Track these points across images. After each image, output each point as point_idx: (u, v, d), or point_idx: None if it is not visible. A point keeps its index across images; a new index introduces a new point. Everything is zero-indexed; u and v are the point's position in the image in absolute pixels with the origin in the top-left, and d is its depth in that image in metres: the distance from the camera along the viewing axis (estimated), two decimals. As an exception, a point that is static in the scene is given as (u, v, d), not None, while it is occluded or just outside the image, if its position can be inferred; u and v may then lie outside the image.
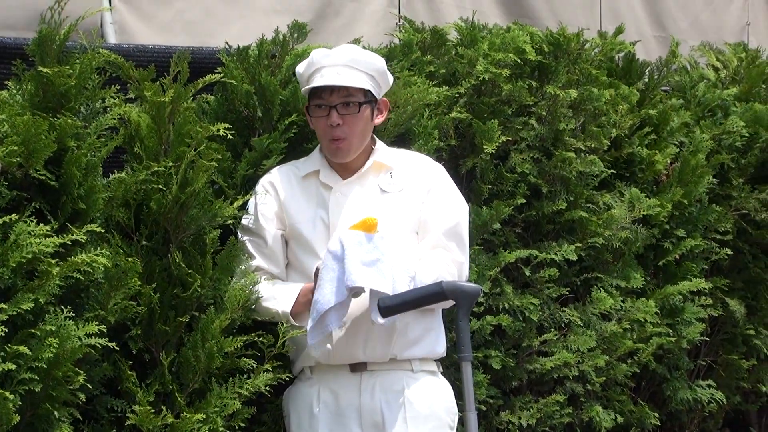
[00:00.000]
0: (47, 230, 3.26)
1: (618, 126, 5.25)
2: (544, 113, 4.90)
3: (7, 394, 3.06)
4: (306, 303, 3.71)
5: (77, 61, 3.60)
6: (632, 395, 5.28)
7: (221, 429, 3.57)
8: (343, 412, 3.79)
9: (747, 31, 9.07)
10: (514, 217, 4.81)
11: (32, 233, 3.22)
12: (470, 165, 4.67)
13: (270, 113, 4.12)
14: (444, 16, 6.54)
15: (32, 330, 3.19)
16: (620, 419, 5.09)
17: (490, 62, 4.70)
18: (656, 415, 5.29)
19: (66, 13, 3.57)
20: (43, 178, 3.37)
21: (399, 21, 5.91)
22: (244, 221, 3.88)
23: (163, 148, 3.70)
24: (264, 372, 3.71)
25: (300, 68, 3.88)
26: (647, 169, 5.36)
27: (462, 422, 3.71)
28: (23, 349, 3.12)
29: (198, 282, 3.63)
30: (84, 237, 3.32)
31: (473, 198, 4.66)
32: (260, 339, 3.71)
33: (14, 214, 3.26)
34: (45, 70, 3.48)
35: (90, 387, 3.35)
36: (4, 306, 3.12)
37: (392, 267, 3.60)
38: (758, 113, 5.87)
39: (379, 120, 3.92)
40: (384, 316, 3.59)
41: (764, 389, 6.06)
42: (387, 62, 3.95)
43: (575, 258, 4.87)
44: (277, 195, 3.88)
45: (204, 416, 3.53)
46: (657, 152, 5.39)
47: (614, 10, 8.03)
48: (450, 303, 3.71)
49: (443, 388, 3.91)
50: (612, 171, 5.19)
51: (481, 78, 4.68)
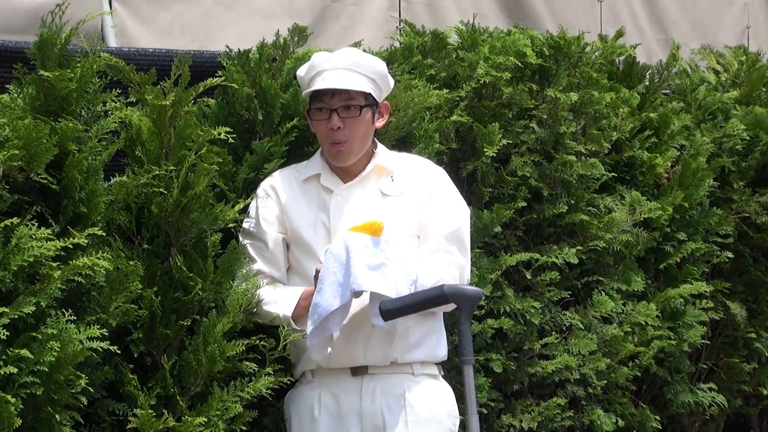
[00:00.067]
0: (48, 234, 3.26)
1: (619, 129, 5.25)
2: (545, 116, 4.90)
3: (9, 398, 3.06)
4: (307, 307, 3.70)
5: (78, 65, 3.60)
6: (633, 398, 5.27)
7: (223, 432, 3.58)
8: (344, 416, 3.78)
9: (747, 34, 9.07)
10: (515, 221, 4.80)
11: (34, 237, 3.22)
12: (471, 168, 4.67)
13: (271, 117, 4.12)
14: (444, 20, 6.53)
15: (34, 333, 3.19)
16: (621, 422, 5.08)
17: (491, 65, 4.70)
18: (657, 419, 5.28)
19: (66, 17, 3.57)
20: (45, 182, 3.37)
21: (399, 24, 5.90)
22: (245, 225, 3.87)
23: (164, 152, 3.70)
24: (265, 375, 3.71)
25: (301, 71, 3.88)
26: (648, 173, 5.35)
27: (464, 426, 3.71)
28: (25, 353, 3.11)
29: (199, 285, 3.62)
30: (85, 240, 3.32)
31: (474, 201, 4.65)
32: (262, 342, 3.71)
33: (15, 218, 3.26)
34: (46, 74, 3.47)
35: (91, 390, 3.35)
36: (6, 309, 3.12)
37: (395, 271, 3.60)
38: (759, 116, 5.87)
39: (380, 123, 3.92)
40: (385, 320, 3.59)
41: (765, 392, 6.05)
42: (388, 65, 3.94)
43: (576, 261, 4.87)
44: (278, 198, 3.88)
45: (205, 419, 3.53)
46: (658, 155, 5.38)
47: (615, 13, 8.03)
48: (452, 306, 3.71)
49: (444, 392, 3.90)
50: (613, 174, 5.19)
51: (482, 81, 4.68)
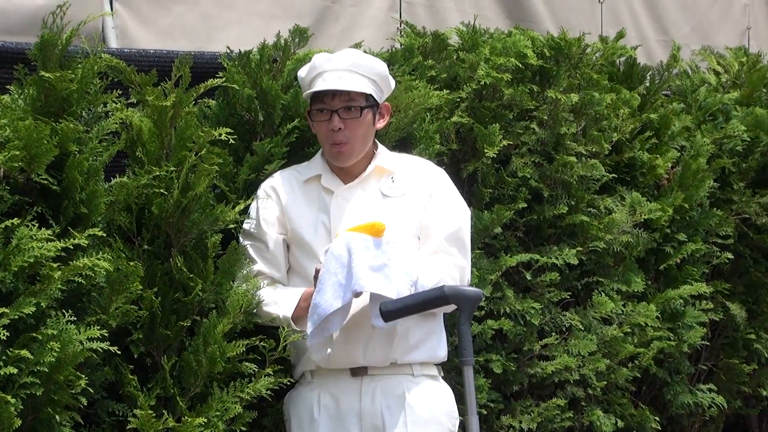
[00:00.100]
0: (49, 234, 3.26)
1: (619, 130, 5.25)
2: (546, 117, 4.90)
3: (9, 398, 3.06)
4: (307, 308, 3.69)
5: (79, 66, 3.60)
6: (633, 399, 5.27)
7: (222, 433, 3.58)
8: (344, 417, 3.78)
9: (748, 35, 9.08)
10: (515, 221, 4.81)
11: (34, 237, 3.22)
12: (471, 169, 4.67)
13: (271, 118, 4.12)
14: (445, 21, 6.53)
15: (34, 334, 3.19)
16: (621, 423, 5.08)
17: (492, 67, 4.70)
18: (657, 419, 5.28)
19: (67, 18, 3.57)
20: (45, 183, 3.37)
21: (400, 25, 5.90)
22: (246, 226, 3.87)
23: (165, 153, 3.70)
24: (265, 376, 3.71)
25: (302, 72, 3.88)
26: (648, 174, 5.36)
27: (463, 426, 3.71)
28: (25, 353, 3.12)
29: (199, 286, 3.62)
30: (86, 241, 3.32)
31: (474, 202, 4.65)
32: (261, 343, 3.71)
33: (16, 219, 3.26)
34: (47, 75, 3.48)
35: (91, 391, 3.35)
36: (6, 310, 3.12)
37: (396, 272, 3.60)
38: (759, 117, 5.87)
39: (381, 124, 3.92)
40: (386, 321, 3.59)
41: (765, 393, 6.05)
42: (388, 66, 3.94)
43: (576, 262, 4.87)
44: (279, 199, 3.88)
45: (205, 420, 3.53)
46: (658, 156, 5.39)
47: (616, 15, 8.03)
48: (452, 307, 3.71)
49: (444, 393, 3.90)
50: (613, 175, 5.19)
51: (483, 82, 4.68)
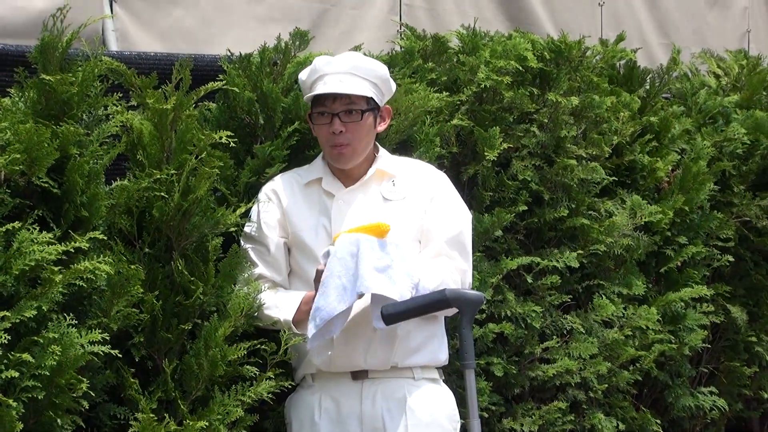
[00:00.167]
0: (50, 238, 3.26)
1: (619, 133, 5.25)
2: (546, 120, 4.90)
3: (11, 402, 3.06)
4: (308, 311, 3.69)
5: (80, 69, 3.60)
6: (634, 402, 5.27)
7: (223, 436, 3.58)
8: (345, 420, 3.78)
9: (747, 38, 9.08)
10: (516, 225, 4.80)
11: (35, 241, 3.22)
12: (472, 172, 4.67)
13: (272, 121, 4.12)
14: (445, 24, 6.53)
15: (35, 338, 3.18)
16: (622, 426, 5.08)
17: (492, 69, 4.70)
18: (658, 422, 5.28)
19: (68, 21, 3.57)
20: (46, 186, 3.37)
21: (400, 28, 5.90)
22: (247, 229, 3.87)
23: (166, 156, 3.70)
24: (266, 379, 3.70)
25: (302, 75, 3.88)
26: (649, 176, 5.36)
27: (465, 430, 3.71)
28: (26, 357, 3.12)
29: (200, 289, 3.62)
30: (87, 244, 3.32)
31: (475, 205, 4.65)
32: (263, 346, 3.71)
33: (17, 222, 3.25)
34: (47, 78, 3.48)
35: (93, 394, 3.35)
36: (7, 314, 3.12)
37: (399, 274, 3.60)
38: (759, 120, 5.87)
39: (382, 127, 3.92)
40: (387, 324, 3.59)
41: (766, 396, 6.05)
42: (388, 69, 3.94)
43: (577, 265, 4.87)
44: (280, 203, 3.88)
45: (207, 424, 3.53)
46: (658, 159, 5.39)
47: (616, 17, 8.03)
48: (453, 311, 3.71)
49: (445, 396, 3.89)
50: (613, 178, 5.19)
51: (483, 85, 4.68)
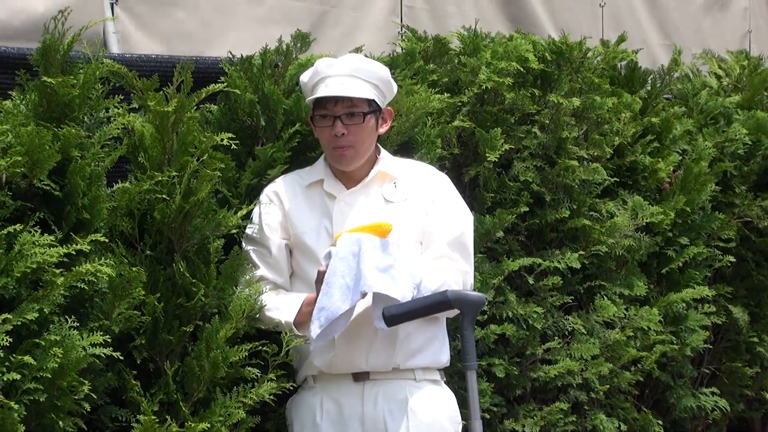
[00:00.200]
0: (51, 240, 3.26)
1: (621, 134, 5.25)
2: (547, 121, 4.90)
3: (12, 404, 3.06)
4: (309, 313, 3.70)
5: (81, 71, 3.60)
6: (636, 403, 5.28)
7: (225, 438, 3.58)
8: (346, 422, 3.78)
9: (749, 39, 9.08)
10: (518, 226, 4.80)
11: (36, 243, 3.22)
12: (473, 173, 4.67)
13: (273, 122, 4.12)
14: (446, 25, 6.53)
15: (37, 340, 3.18)
16: (624, 427, 5.08)
17: (493, 71, 4.70)
18: (660, 423, 5.29)
19: (69, 23, 3.57)
20: (47, 188, 3.37)
21: (401, 30, 5.90)
22: (249, 231, 3.87)
23: (167, 158, 3.70)
24: (268, 381, 3.70)
25: (304, 77, 3.88)
26: (650, 177, 5.36)
27: (467, 431, 3.71)
28: (28, 359, 3.11)
29: (202, 291, 3.62)
30: (88, 247, 3.32)
31: (476, 206, 4.65)
32: (264, 348, 3.71)
33: (18, 225, 3.25)
34: (49, 80, 3.47)
35: (94, 397, 3.34)
36: (9, 316, 3.12)
37: (401, 274, 3.60)
38: (760, 121, 5.88)
39: (384, 129, 3.91)
40: (389, 326, 3.59)
41: (768, 396, 6.07)
42: (390, 71, 3.94)
43: (578, 266, 4.87)
44: (282, 204, 3.88)
45: (208, 425, 3.53)
46: (660, 160, 5.39)
47: (617, 19, 8.03)
48: (455, 312, 3.71)
49: (446, 397, 3.89)
50: (615, 179, 5.19)
51: (484, 86, 4.68)
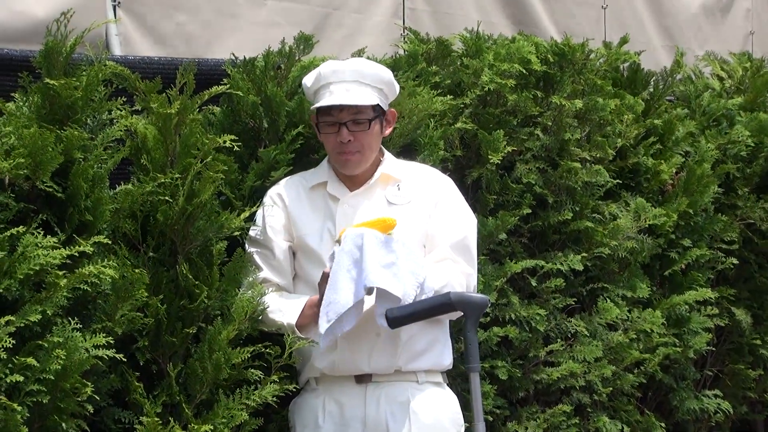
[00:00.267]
0: (54, 242, 3.26)
1: (623, 136, 5.25)
2: (550, 123, 4.90)
3: (15, 406, 3.06)
4: (312, 315, 3.71)
5: (84, 73, 3.60)
6: (639, 405, 5.27)
7: (228, 440, 3.58)
8: (348, 423, 3.78)
9: (751, 41, 9.08)
10: (520, 228, 4.80)
11: (39, 245, 3.22)
12: (476, 175, 4.67)
13: (276, 124, 4.12)
14: (449, 27, 6.53)
15: (40, 342, 3.19)
16: (627, 429, 5.07)
17: (496, 73, 4.70)
18: (663, 425, 5.28)
19: (71, 26, 3.57)
20: (50, 190, 3.37)
21: (404, 32, 5.91)
22: (252, 233, 3.87)
23: (170, 160, 3.70)
24: (271, 383, 3.70)
25: (307, 81, 3.87)
26: (653, 179, 5.36)
27: (470, 433, 3.71)
28: (31, 361, 3.12)
29: (205, 293, 3.63)
30: (91, 248, 3.32)
31: (479, 208, 4.65)
32: (267, 350, 3.71)
33: (21, 226, 3.26)
34: (52, 82, 3.48)
35: (97, 398, 3.35)
36: (12, 318, 3.12)
37: (404, 271, 3.60)
38: (763, 123, 5.87)
39: (388, 131, 3.92)
40: (392, 327, 3.59)
41: (770, 399, 6.06)
42: (392, 73, 3.94)
43: (581, 268, 4.87)
44: (285, 207, 3.87)
45: (211, 427, 3.52)
46: (662, 162, 5.39)
47: (619, 20, 8.03)
48: (458, 314, 3.71)
49: (449, 399, 3.89)
50: (617, 181, 5.19)
51: (487, 88, 4.68)
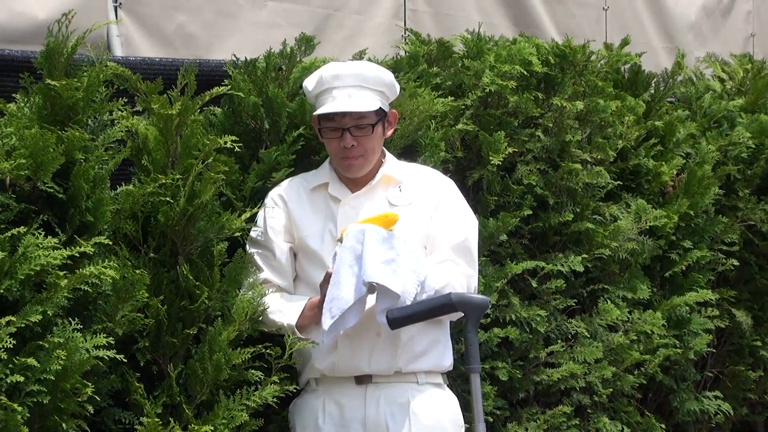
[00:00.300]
0: (55, 243, 3.26)
1: (624, 137, 5.25)
2: (551, 125, 4.90)
3: (16, 407, 3.06)
4: (312, 316, 3.72)
5: (85, 74, 3.60)
6: (639, 406, 5.27)
7: (229, 440, 3.58)
8: (348, 424, 3.78)
9: (752, 42, 9.09)
10: (521, 229, 4.80)
11: (40, 246, 3.22)
12: (477, 177, 4.67)
13: (277, 125, 4.12)
14: (450, 28, 6.53)
15: (40, 342, 3.18)
16: (627, 430, 5.07)
17: (497, 74, 4.70)
18: (663, 427, 5.28)
19: (73, 26, 3.57)
20: (51, 191, 3.37)
21: (405, 33, 5.91)
22: (253, 234, 3.87)
23: (171, 161, 3.70)
24: (271, 384, 3.70)
25: (308, 85, 3.85)
26: (653, 181, 5.36)
27: (470, 434, 3.71)
28: (31, 362, 3.11)
29: (205, 294, 3.63)
30: (92, 249, 3.32)
31: (480, 210, 4.65)
32: (267, 351, 3.71)
33: (22, 227, 3.26)
34: (53, 83, 3.48)
35: (98, 399, 3.35)
36: (13, 318, 3.12)
37: (404, 269, 3.60)
38: (764, 124, 5.87)
39: (390, 133, 3.93)
40: (392, 328, 3.60)
41: (771, 400, 6.06)
42: (393, 74, 3.94)
43: (582, 269, 4.87)
44: (287, 208, 3.88)
45: (212, 428, 3.52)
46: (663, 163, 5.38)
47: (620, 22, 8.04)
48: (458, 315, 3.71)
49: (449, 400, 3.90)
50: (618, 182, 5.19)
51: (488, 90, 4.68)
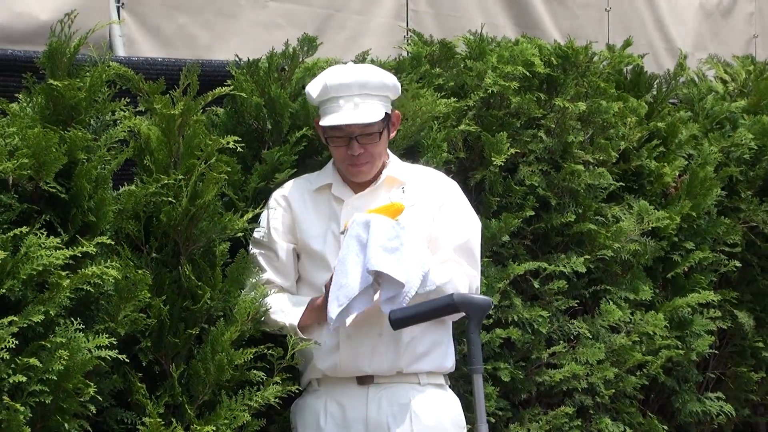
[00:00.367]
0: (57, 243, 3.26)
1: (626, 138, 5.25)
2: (553, 126, 4.90)
3: (18, 406, 3.06)
4: (314, 316, 3.73)
5: (87, 74, 3.61)
6: (641, 407, 5.27)
7: (231, 441, 3.58)
8: (350, 425, 3.78)
9: (754, 44, 9.08)
10: (523, 230, 4.80)
11: (43, 246, 3.23)
12: (479, 177, 4.67)
13: (280, 126, 4.12)
14: (452, 29, 6.53)
15: (43, 342, 3.19)
16: (629, 431, 5.08)
17: (499, 75, 4.70)
18: (665, 428, 5.28)
19: (75, 27, 3.58)
20: (54, 191, 3.38)
21: (407, 34, 5.91)
22: (256, 234, 3.87)
23: (173, 161, 3.71)
24: (273, 384, 3.71)
25: (312, 92, 3.80)
26: (656, 182, 5.36)
27: (472, 435, 3.71)
28: (34, 362, 3.12)
29: (208, 294, 3.63)
30: (94, 249, 3.32)
31: (482, 210, 4.65)
32: (270, 351, 3.71)
33: (25, 227, 3.26)
34: (55, 83, 3.48)
35: (100, 399, 3.35)
36: (15, 318, 3.12)
37: (409, 259, 3.60)
38: (766, 126, 5.87)
39: (393, 134, 3.93)
40: (395, 328, 3.60)
41: (773, 401, 6.06)
42: (396, 74, 3.94)
43: (584, 270, 4.87)
44: (290, 209, 3.88)
45: (214, 428, 3.53)
46: (665, 165, 5.38)
47: (623, 23, 8.03)
48: (460, 315, 3.71)
49: (450, 401, 3.90)
50: (620, 183, 5.19)
51: (490, 91, 4.68)
